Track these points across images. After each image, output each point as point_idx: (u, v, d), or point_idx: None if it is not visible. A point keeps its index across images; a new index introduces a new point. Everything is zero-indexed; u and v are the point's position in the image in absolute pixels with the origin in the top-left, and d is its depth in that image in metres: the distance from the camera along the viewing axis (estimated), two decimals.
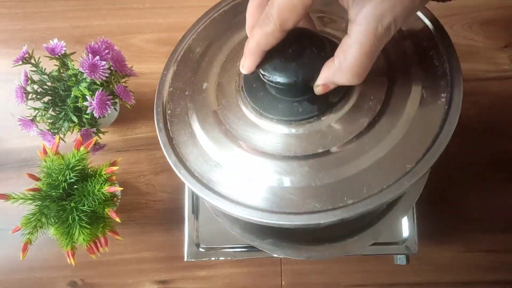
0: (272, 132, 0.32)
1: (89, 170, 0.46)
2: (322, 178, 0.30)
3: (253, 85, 0.32)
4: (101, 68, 0.46)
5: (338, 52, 0.24)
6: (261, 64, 0.28)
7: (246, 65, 0.27)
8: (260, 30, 0.25)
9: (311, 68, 0.27)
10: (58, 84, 0.48)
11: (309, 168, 0.31)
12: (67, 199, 0.43)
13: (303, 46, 0.27)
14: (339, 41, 0.25)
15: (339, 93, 0.30)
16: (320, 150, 0.31)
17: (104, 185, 0.43)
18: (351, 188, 0.30)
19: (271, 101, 0.32)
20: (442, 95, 0.30)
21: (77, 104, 0.47)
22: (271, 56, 0.27)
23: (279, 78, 0.28)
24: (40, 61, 0.49)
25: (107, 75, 0.46)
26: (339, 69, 0.24)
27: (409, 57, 0.32)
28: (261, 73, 0.29)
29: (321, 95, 0.29)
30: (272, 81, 0.28)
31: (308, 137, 0.31)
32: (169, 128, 0.34)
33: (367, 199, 0.29)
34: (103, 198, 0.43)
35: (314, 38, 0.28)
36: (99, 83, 0.47)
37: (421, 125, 0.30)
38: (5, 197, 0.42)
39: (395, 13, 0.23)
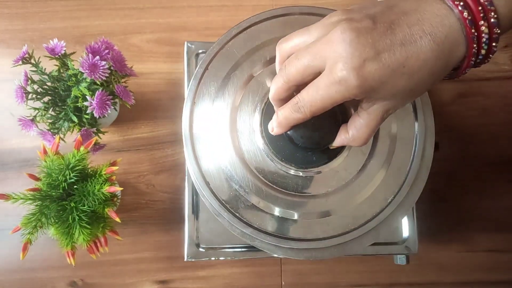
0: (293, 176, 0.40)
1: (89, 170, 0.46)
2: (334, 211, 0.41)
3: (272, 135, 0.37)
4: (101, 68, 0.46)
5: (351, 127, 0.32)
6: (289, 130, 0.34)
7: (276, 131, 0.33)
8: (291, 114, 0.31)
9: (330, 135, 0.35)
10: (58, 84, 0.48)
11: (324, 203, 0.40)
12: (67, 199, 0.43)
13: (323, 117, 0.31)
14: None
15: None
16: (330, 190, 0.41)
17: (104, 185, 0.43)
18: (353, 217, 0.40)
19: (290, 151, 0.40)
20: (411, 147, 0.42)
21: (77, 104, 0.47)
22: (298, 126, 0.33)
23: (305, 144, 0.36)
24: (40, 61, 0.49)
25: (107, 75, 0.46)
26: (353, 139, 0.33)
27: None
28: (290, 138, 0.36)
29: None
30: (299, 145, 0.36)
31: (320, 179, 0.41)
32: (204, 174, 0.41)
33: (364, 225, 0.40)
34: (103, 198, 0.43)
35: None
36: (99, 83, 0.47)
37: (396, 167, 0.41)
38: (5, 197, 0.42)
39: (397, 107, 0.30)
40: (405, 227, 0.52)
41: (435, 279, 0.61)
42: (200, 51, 0.54)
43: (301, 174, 0.40)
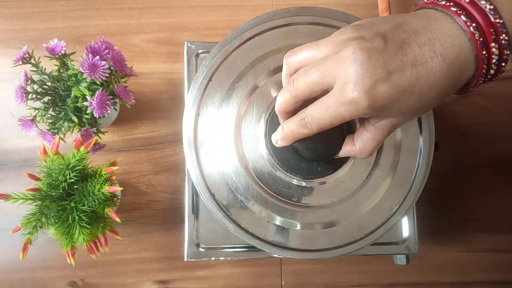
0: (298, 186, 0.40)
1: (89, 170, 0.46)
2: (340, 221, 0.41)
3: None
4: (101, 68, 0.46)
5: (358, 140, 0.33)
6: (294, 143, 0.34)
7: (280, 144, 0.33)
8: (297, 129, 0.31)
9: (335, 147, 0.35)
10: (58, 84, 0.48)
11: (329, 213, 0.41)
12: (67, 199, 0.43)
13: (328, 129, 0.31)
14: None
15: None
16: (335, 200, 0.41)
17: (104, 185, 0.43)
18: (359, 227, 0.41)
19: (296, 162, 0.39)
20: (416, 156, 0.42)
21: (77, 104, 0.47)
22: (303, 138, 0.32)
23: (311, 156, 0.36)
24: (40, 61, 0.49)
25: (107, 75, 0.46)
26: (359, 152, 0.33)
27: None
28: (295, 149, 0.36)
29: None
30: (304, 157, 0.36)
31: (326, 189, 0.41)
32: (208, 186, 0.41)
33: (369, 234, 0.41)
34: (103, 198, 0.43)
35: None
36: (99, 83, 0.47)
37: (401, 176, 0.42)
38: (5, 197, 0.42)
39: (403, 123, 0.30)
40: (405, 227, 0.52)
41: (435, 279, 0.61)
42: (200, 51, 0.54)
43: (306, 184, 0.40)
